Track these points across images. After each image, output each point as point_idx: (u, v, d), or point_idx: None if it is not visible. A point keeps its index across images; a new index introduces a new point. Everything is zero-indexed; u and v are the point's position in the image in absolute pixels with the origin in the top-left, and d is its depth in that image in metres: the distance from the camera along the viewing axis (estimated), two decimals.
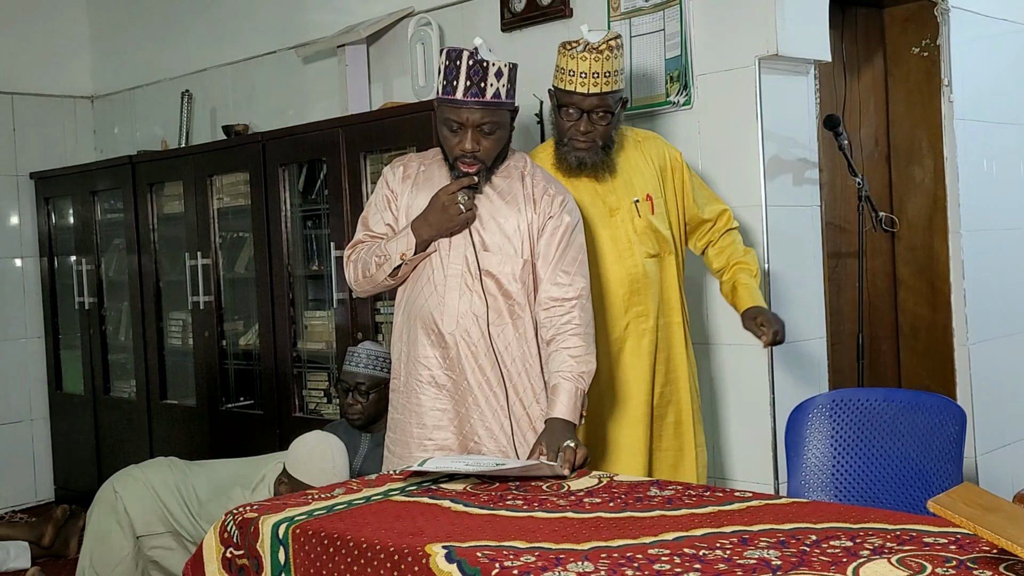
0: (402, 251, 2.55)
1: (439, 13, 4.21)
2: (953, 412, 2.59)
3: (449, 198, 2.50)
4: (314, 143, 4.22)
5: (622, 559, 1.64)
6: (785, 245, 3.43)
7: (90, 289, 5.42)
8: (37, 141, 5.86)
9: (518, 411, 2.56)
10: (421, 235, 2.54)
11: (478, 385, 2.55)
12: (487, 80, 2.46)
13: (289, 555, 1.93)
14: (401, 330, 2.67)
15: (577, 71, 2.78)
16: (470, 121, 2.48)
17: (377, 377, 3.43)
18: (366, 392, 3.44)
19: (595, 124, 2.83)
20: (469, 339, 2.54)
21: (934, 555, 1.59)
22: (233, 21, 5.20)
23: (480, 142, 2.50)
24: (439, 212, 2.52)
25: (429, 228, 2.54)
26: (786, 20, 3.32)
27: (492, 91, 2.47)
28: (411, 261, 2.56)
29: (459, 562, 1.66)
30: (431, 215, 2.53)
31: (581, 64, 2.78)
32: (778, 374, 3.39)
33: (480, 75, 2.46)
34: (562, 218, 2.58)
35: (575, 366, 2.50)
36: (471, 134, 2.49)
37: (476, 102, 2.46)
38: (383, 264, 2.58)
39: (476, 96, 2.46)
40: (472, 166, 2.51)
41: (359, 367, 3.45)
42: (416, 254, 2.55)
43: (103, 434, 5.41)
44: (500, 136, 2.53)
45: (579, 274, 2.58)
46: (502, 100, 2.50)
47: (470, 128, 2.49)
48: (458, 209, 2.50)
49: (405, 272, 2.60)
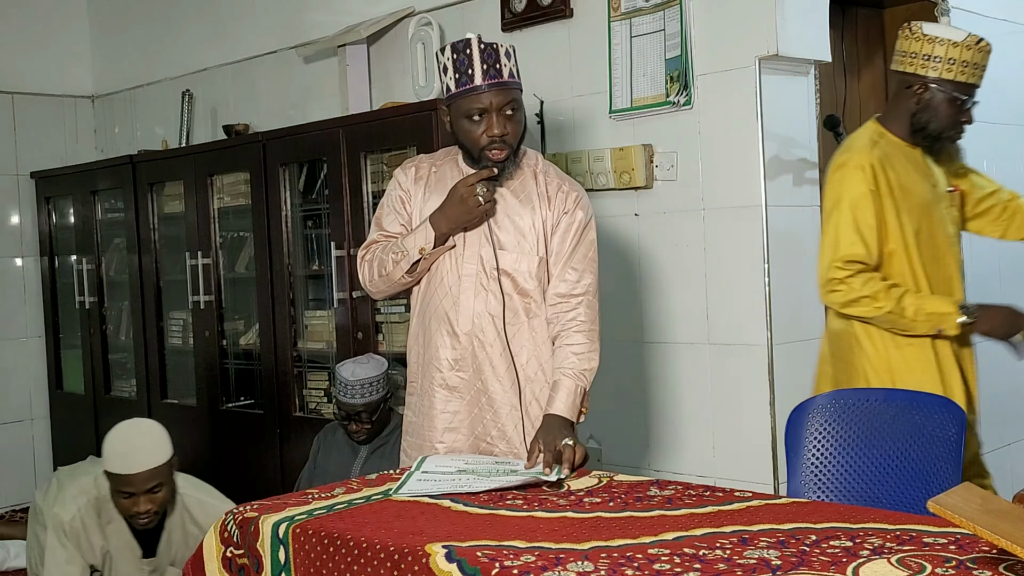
0: (420, 245, 2.52)
1: (439, 13, 4.21)
2: (953, 412, 2.59)
3: (468, 190, 2.48)
4: (314, 143, 4.22)
5: (622, 559, 1.64)
6: (785, 245, 3.43)
7: (91, 288, 5.42)
8: (38, 141, 5.86)
9: (535, 411, 2.54)
10: (440, 228, 2.51)
11: (493, 385, 2.54)
12: (501, 61, 2.46)
13: (289, 554, 1.93)
14: (417, 332, 2.66)
15: (971, 62, 2.88)
16: (494, 104, 2.46)
17: (374, 402, 3.41)
18: (367, 418, 3.43)
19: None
20: (484, 338, 2.54)
21: (934, 555, 1.59)
22: (233, 21, 5.20)
23: (506, 125, 2.48)
24: (458, 204, 2.49)
25: (448, 221, 2.51)
26: (786, 20, 3.32)
27: (508, 71, 2.47)
28: (430, 255, 2.54)
29: (459, 562, 1.66)
30: (449, 208, 2.51)
31: (976, 56, 2.88)
32: (778, 374, 3.39)
33: (494, 57, 2.45)
34: (576, 214, 2.57)
35: (577, 363, 2.49)
36: (496, 118, 2.46)
37: (497, 83, 2.45)
38: (400, 261, 2.55)
39: (495, 78, 2.45)
40: (502, 151, 2.48)
41: (355, 399, 3.39)
42: (435, 248, 2.53)
43: (103, 434, 5.36)
44: (521, 118, 2.52)
45: (588, 271, 2.57)
46: (517, 80, 2.50)
47: (494, 112, 2.46)
48: (477, 201, 2.48)
49: (423, 268, 2.58)
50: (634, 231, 3.68)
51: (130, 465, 3.03)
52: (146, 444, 3.09)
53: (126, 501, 3.05)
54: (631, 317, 3.69)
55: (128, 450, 3.06)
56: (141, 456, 3.05)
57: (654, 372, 3.67)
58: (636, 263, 3.69)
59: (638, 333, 3.69)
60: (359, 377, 3.38)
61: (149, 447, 3.09)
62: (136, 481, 3.03)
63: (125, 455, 3.05)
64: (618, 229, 3.70)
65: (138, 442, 3.08)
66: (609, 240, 3.64)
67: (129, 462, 3.03)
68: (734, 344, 3.45)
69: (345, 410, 3.41)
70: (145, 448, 3.08)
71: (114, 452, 3.07)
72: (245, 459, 4.58)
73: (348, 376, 3.38)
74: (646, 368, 3.69)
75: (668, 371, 3.64)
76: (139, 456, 3.05)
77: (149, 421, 3.23)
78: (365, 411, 3.39)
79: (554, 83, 3.85)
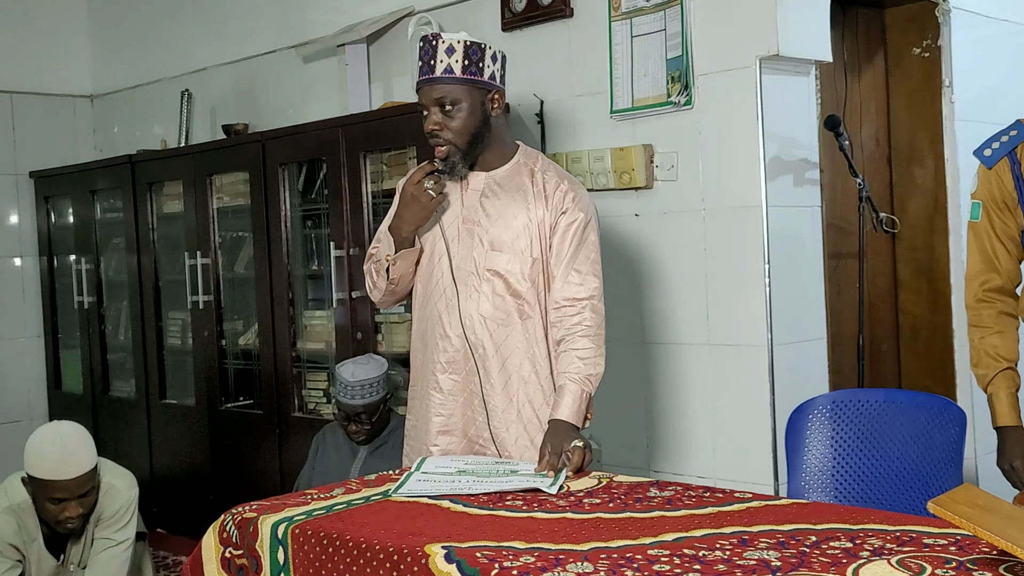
0: (386, 253, 2.57)
1: (439, 12, 4.21)
2: (953, 413, 2.59)
3: (416, 187, 2.51)
4: (314, 143, 4.22)
5: (622, 560, 1.64)
6: (785, 246, 3.43)
7: (89, 288, 5.42)
8: (37, 140, 5.86)
9: (527, 413, 2.53)
10: (400, 232, 2.55)
11: (485, 388, 2.53)
12: (436, 58, 2.46)
13: (288, 555, 1.93)
14: (417, 335, 2.67)
15: None
16: (427, 101, 2.48)
17: (374, 402, 3.40)
18: (367, 419, 3.42)
19: None
20: (477, 341, 2.53)
21: (934, 556, 1.59)
22: (233, 20, 5.20)
23: (441, 121, 2.48)
24: (409, 204, 2.53)
25: (405, 223, 2.55)
26: (787, 20, 3.32)
27: (443, 67, 2.46)
28: (398, 260, 2.56)
29: (458, 562, 1.66)
30: (403, 209, 2.55)
31: None
32: (778, 375, 3.39)
33: (430, 54, 2.47)
34: (575, 214, 2.55)
35: (583, 368, 2.48)
36: (430, 113, 2.49)
37: (426, 79, 2.48)
38: (381, 270, 2.60)
39: (426, 74, 2.48)
40: (442, 147, 2.49)
41: (355, 399, 3.38)
42: (399, 251, 2.56)
43: (102, 434, 5.40)
44: (465, 116, 2.49)
45: (591, 273, 2.55)
46: (455, 75, 2.46)
47: (428, 108, 2.49)
48: (428, 196, 2.50)
49: (398, 273, 2.59)
50: (634, 231, 3.68)
51: (63, 471, 2.97)
52: (79, 448, 3.04)
53: (54, 507, 3.00)
54: (631, 317, 3.69)
55: (60, 455, 2.99)
56: (74, 461, 3.00)
57: (654, 372, 3.67)
58: (636, 263, 3.68)
59: (638, 333, 3.69)
60: (359, 378, 3.37)
61: (82, 451, 3.04)
62: (71, 486, 2.98)
63: (58, 461, 2.98)
64: (618, 229, 3.70)
65: (70, 446, 3.02)
66: (609, 240, 3.64)
67: (62, 468, 2.98)
68: (734, 344, 3.44)
69: (345, 411, 3.41)
70: (78, 453, 3.02)
71: (43, 458, 3.00)
72: (244, 459, 4.58)
73: (348, 377, 3.37)
74: (646, 368, 3.69)
75: (668, 371, 3.63)
76: (72, 461, 2.99)
77: (73, 424, 3.15)
78: (365, 412, 3.39)
79: (554, 83, 3.85)
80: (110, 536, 3.20)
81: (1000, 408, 2.47)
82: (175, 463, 4.96)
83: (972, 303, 2.54)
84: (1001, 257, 2.49)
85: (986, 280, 2.51)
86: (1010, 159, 2.48)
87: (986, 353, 2.49)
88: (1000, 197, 2.48)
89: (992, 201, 2.49)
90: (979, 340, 2.51)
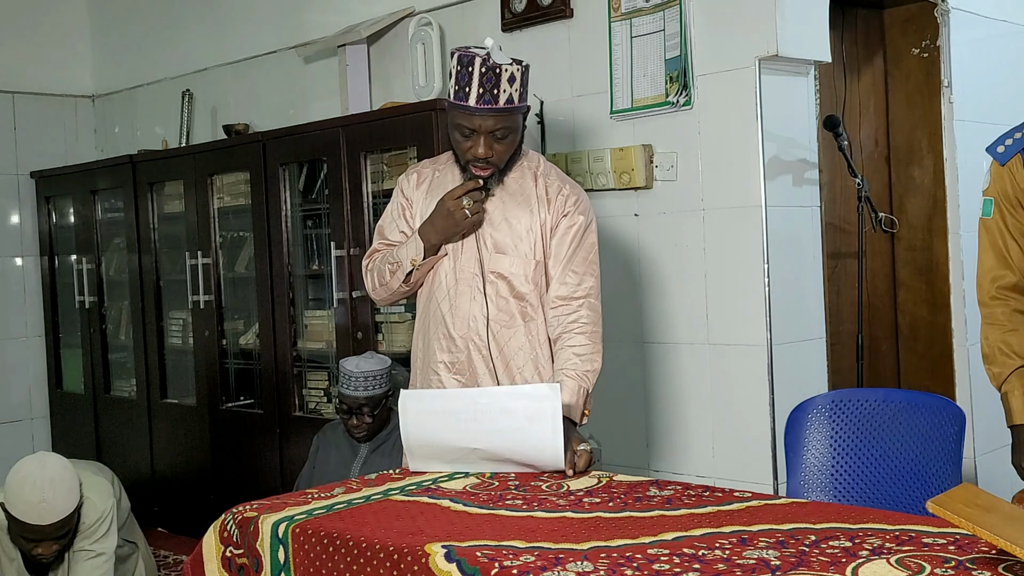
0: (412, 256, 2.55)
1: (439, 13, 4.21)
2: (952, 413, 2.59)
3: (454, 203, 2.50)
4: (314, 143, 4.22)
5: (621, 559, 1.64)
6: (785, 246, 3.43)
7: (90, 288, 5.42)
8: (38, 140, 5.86)
9: None
10: (429, 240, 2.54)
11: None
12: (500, 87, 2.42)
13: (289, 554, 1.93)
14: (418, 337, 2.67)
15: None
16: (483, 128, 2.46)
17: (377, 396, 3.40)
18: (369, 412, 3.42)
19: None
20: (480, 342, 2.54)
21: (933, 555, 1.59)
22: (233, 21, 5.20)
23: (493, 147, 2.48)
24: (445, 217, 2.51)
25: (436, 233, 2.54)
26: (786, 21, 3.32)
27: (505, 97, 2.43)
28: (421, 266, 2.57)
29: (458, 561, 1.66)
30: (437, 220, 2.53)
31: None
32: (778, 374, 3.39)
33: (493, 82, 2.42)
34: (575, 218, 2.57)
35: (580, 364, 2.50)
36: (484, 140, 2.47)
37: (489, 109, 2.43)
38: (396, 271, 2.59)
39: (489, 103, 2.42)
40: (485, 170, 2.50)
41: (358, 391, 3.37)
42: (426, 258, 2.55)
43: (103, 433, 5.42)
44: (512, 140, 2.52)
45: (588, 273, 2.57)
46: (515, 105, 2.47)
47: (483, 135, 2.46)
48: (463, 214, 2.50)
49: (418, 277, 2.60)
50: (634, 231, 3.68)
51: (42, 516, 2.89)
52: (58, 496, 2.92)
53: (28, 544, 2.94)
54: (631, 317, 3.69)
55: (38, 501, 2.89)
56: (52, 509, 2.90)
57: (654, 372, 3.68)
58: (636, 263, 3.69)
59: (638, 333, 3.69)
60: (363, 369, 3.39)
61: (61, 498, 2.93)
62: (46, 531, 2.91)
63: (37, 505, 2.89)
64: (618, 229, 3.70)
65: (49, 494, 2.90)
66: (609, 240, 3.64)
67: (41, 514, 2.89)
68: (734, 344, 3.45)
69: (347, 403, 3.42)
70: (56, 500, 2.91)
71: (22, 500, 2.90)
72: (245, 459, 4.58)
73: (352, 368, 3.39)
74: (646, 368, 3.69)
75: (668, 371, 3.64)
76: (50, 509, 2.90)
77: (57, 463, 3.01)
78: (367, 404, 3.40)
79: (554, 83, 3.85)
80: (88, 548, 3.14)
81: (1015, 406, 2.45)
82: (176, 463, 4.97)
83: (986, 300, 2.51)
84: (1014, 254, 2.46)
85: (999, 277, 2.48)
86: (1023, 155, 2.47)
87: (1000, 351, 2.47)
88: (1013, 193, 2.46)
89: (1005, 197, 2.47)
90: (993, 338, 2.48)
